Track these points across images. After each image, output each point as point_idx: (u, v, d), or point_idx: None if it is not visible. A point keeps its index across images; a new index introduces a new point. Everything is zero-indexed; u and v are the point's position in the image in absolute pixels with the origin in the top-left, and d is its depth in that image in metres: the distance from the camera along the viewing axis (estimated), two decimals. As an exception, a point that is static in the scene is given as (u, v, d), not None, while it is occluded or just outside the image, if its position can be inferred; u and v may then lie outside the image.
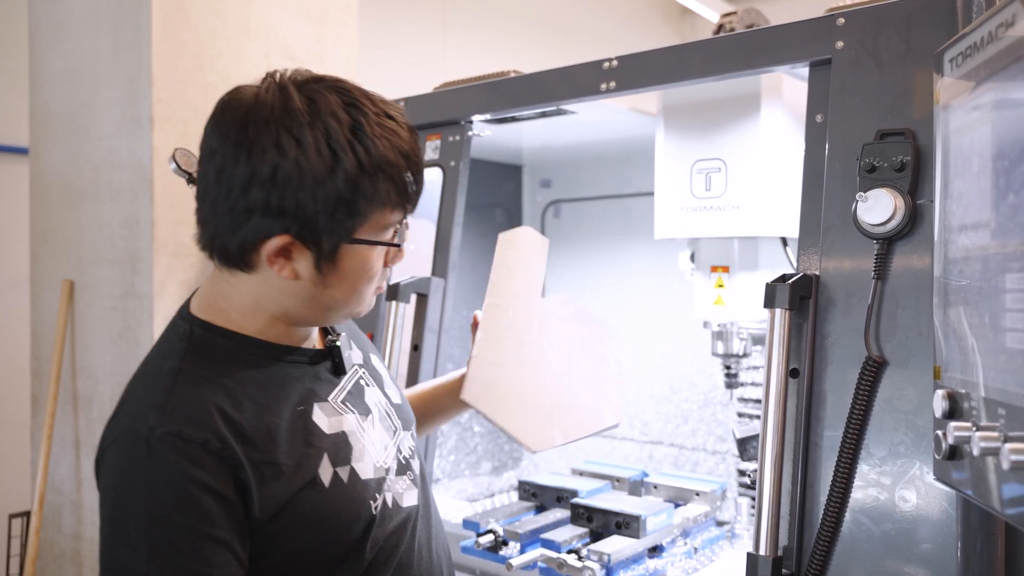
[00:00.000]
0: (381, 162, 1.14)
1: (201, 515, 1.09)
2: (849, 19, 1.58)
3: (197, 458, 1.09)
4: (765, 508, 1.47)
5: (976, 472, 1.03)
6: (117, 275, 2.65)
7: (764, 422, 1.49)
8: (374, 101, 1.19)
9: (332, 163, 1.12)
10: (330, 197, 1.12)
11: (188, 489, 1.08)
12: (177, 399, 1.14)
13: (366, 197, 1.14)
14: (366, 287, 1.23)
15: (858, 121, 1.53)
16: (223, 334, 1.22)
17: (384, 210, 1.18)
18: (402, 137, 1.18)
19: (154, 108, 2.52)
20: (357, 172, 1.12)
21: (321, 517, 1.19)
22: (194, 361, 1.19)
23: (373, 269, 1.22)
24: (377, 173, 1.14)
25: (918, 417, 1.40)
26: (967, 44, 1.06)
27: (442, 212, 2.26)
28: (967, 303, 1.06)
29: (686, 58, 1.82)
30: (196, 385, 1.16)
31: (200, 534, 1.09)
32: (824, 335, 1.51)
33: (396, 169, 1.16)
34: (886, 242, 1.45)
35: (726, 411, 2.71)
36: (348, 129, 1.13)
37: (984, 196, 0.99)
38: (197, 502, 1.09)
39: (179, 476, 1.09)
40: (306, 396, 1.24)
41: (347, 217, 1.14)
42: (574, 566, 1.89)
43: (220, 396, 1.15)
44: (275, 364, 1.24)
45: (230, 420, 1.14)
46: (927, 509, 1.37)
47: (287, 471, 1.16)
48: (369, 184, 1.14)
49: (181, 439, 1.09)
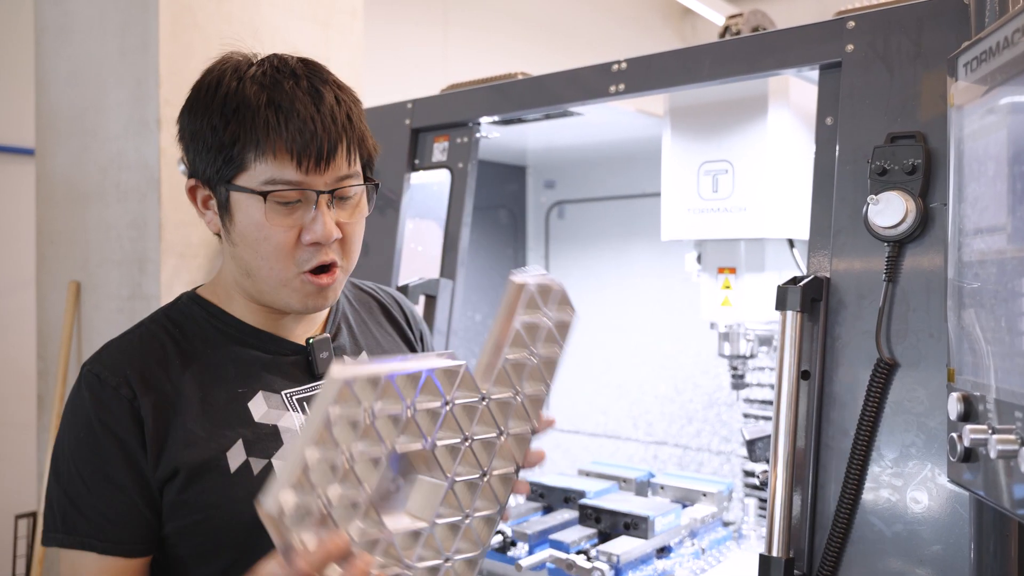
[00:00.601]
0: (240, 103, 1.12)
1: (103, 456, 1.15)
2: (859, 22, 1.58)
3: (107, 401, 1.16)
4: (777, 509, 1.47)
5: (991, 474, 1.04)
6: (124, 276, 2.66)
7: (776, 424, 1.50)
8: (310, 69, 1.18)
9: (208, 101, 1.14)
10: (204, 133, 1.14)
11: (94, 427, 1.16)
12: (115, 346, 1.23)
13: (234, 138, 1.12)
14: (273, 256, 1.17)
15: (868, 124, 1.54)
16: (203, 306, 1.27)
17: (257, 158, 1.12)
18: (284, 89, 1.13)
19: (161, 110, 2.53)
20: (220, 112, 1.13)
21: (218, 499, 1.16)
22: (159, 321, 1.26)
23: (269, 231, 1.15)
24: (234, 115, 1.12)
25: (929, 419, 1.40)
26: (982, 49, 1.07)
27: (450, 213, 2.27)
28: (982, 306, 1.07)
29: (696, 61, 1.83)
30: (140, 339, 1.23)
31: (101, 473, 1.15)
32: (835, 337, 1.52)
33: (253, 112, 1.11)
34: (897, 245, 1.46)
35: (731, 412, 2.71)
36: (245, 72, 1.15)
37: (1000, 200, 1.00)
38: (100, 442, 1.15)
39: (90, 413, 1.16)
40: (255, 382, 1.23)
41: (221, 159, 1.14)
42: (583, 567, 1.90)
43: (156, 353, 1.21)
44: (238, 344, 1.25)
45: (151, 376, 1.18)
46: (939, 511, 1.38)
47: (192, 437, 1.16)
48: (224, 125, 1.12)
49: (99, 380, 1.17)
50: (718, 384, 2.75)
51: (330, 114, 1.15)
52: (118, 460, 1.15)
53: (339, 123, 1.15)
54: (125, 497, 1.15)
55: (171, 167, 2.53)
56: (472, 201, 2.29)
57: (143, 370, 1.18)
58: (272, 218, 1.14)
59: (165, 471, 1.15)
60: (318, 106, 1.14)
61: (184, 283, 2.57)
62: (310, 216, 1.15)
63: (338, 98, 1.17)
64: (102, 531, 1.15)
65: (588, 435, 3.12)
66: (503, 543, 2.08)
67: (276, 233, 1.15)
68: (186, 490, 1.15)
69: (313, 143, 1.13)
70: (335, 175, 1.17)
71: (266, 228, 1.15)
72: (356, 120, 1.19)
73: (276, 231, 1.15)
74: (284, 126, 1.12)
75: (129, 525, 1.16)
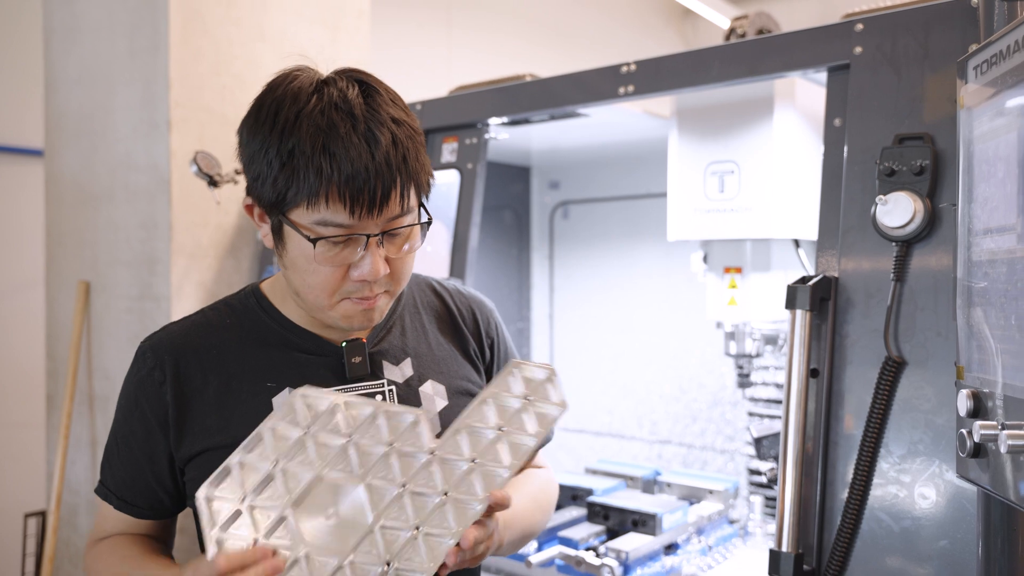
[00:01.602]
0: (293, 148, 1.12)
1: (130, 426, 1.28)
2: (867, 25, 1.61)
3: (143, 378, 1.27)
4: (787, 505, 1.49)
5: (1000, 469, 1.06)
6: (134, 277, 2.68)
7: (785, 421, 1.52)
8: (369, 108, 1.16)
9: (268, 133, 1.14)
10: (261, 165, 1.15)
11: (131, 399, 1.28)
12: (171, 328, 1.32)
13: (288, 182, 1.12)
14: (320, 287, 1.19)
15: (876, 125, 1.56)
16: (259, 300, 1.33)
17: (310, 203, 1.12)
18: (340, 133, 1.12)
19: (171, 111, 2.54)
20: (276, 151, 1.13)
21: None
22: (219, 309, 1.34)
23: (317, 265, 1.16)
24: (289, 158, 1.12)
25: (937, 416, 1.42)
26: (992, 52, 1.09)
27: (459, 214, 2.29)
28: (990, 304, 1.09)
29: (704, 63, 1.85)
30: (194, 327, 1.31)
31: (125, 441, 1.29)
32: (843, 336, 1.54)
33: (306, 159, 1.11)
34: (905, 244, 1.48)
35: (735, 411, 2.73)
36: (303, 103, 1.14)
37: (1010, 201, 1.02)
38: (131, 413, 1.28)
39: (133, 385, 1.29)
40: (285, 379, 1.26)
41: (276, 191, 1.14)
42: (592, 563, 1.92)
43: (204, 339, 1.29)
44: (282, 342, 1.30)
45: (186, 364, 1.26)
46: (946, 506, 1.40)
47: (213, 425, 1.24)
48: (280, 167, 1.12)
49: (143, 357, 1.28)
50: (723, 383, 2.77)
51: (384, 160, 1.13)
52: (139, 433, 1.27)
53: (394, 167, 1.14)
54: (139, 468, 1.28)
55: (181, 168, 2.54)
56: (481, 201, 2.31)
57: (179, 358, 1.26)
58: (321, 256, 1.15)
59: (188, 452, 1.25)
60: (373, 152, 1.12)
61: (194, 283, 2.59)
62: (359, 255, 1.16)
63: (395, 139, 1.15)
64: (120, 490, 1.29)
65: (593, 434, 3.14)
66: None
67: (324, 269, 1.17)
68: (203, 472, 1.17)
69: (366, 190, 1.12)
70: (387, 217, 1.16)
71: (314, 263, 1.16)
72: (412, 160, 1.17)
73: (325, 267, 1.17)
74: (337, 174, 1.11)
75: (140, 492, 1.29)
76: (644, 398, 2.99)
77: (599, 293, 3.14)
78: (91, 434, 2.86)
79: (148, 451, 1.26)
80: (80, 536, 2.91)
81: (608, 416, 3.09)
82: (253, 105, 1.19)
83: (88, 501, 2.88)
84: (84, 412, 2.87)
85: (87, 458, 2.88)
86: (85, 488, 2.89)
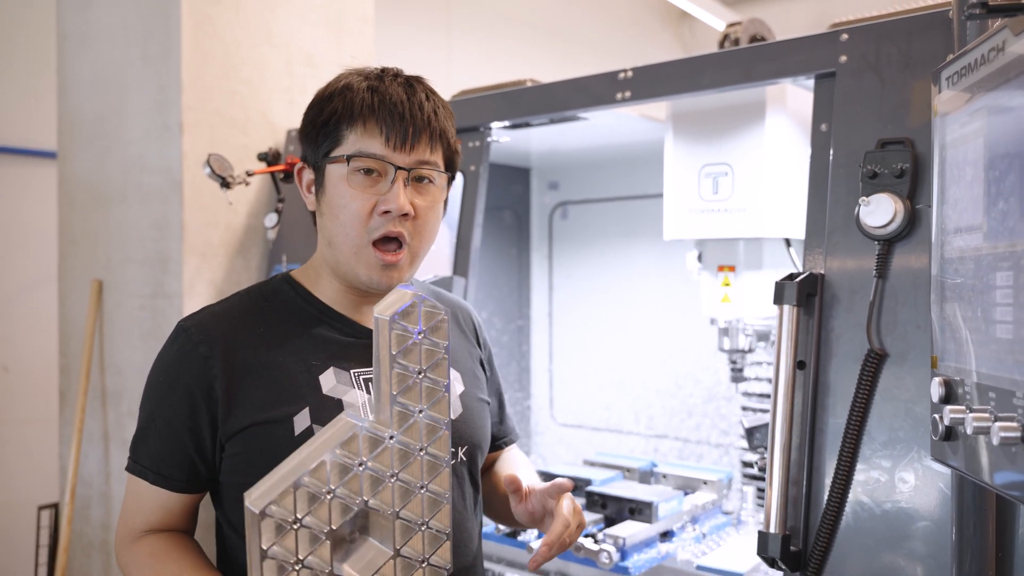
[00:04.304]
0: (345, 86, 1.33)
1: (169, 401, 1.31)
2: (852, 35, 1.69)
3: (188, 354, 1.31)
4: (775, 490, 1.58)
5: (969, 451, 1.14)
6: (147, 275, 2.76)
7: (773, 411, 1.61)
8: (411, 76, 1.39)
9: (323, 94, 1.36)
10: (313, 117, 1.35)
11: (171, 375, 1.32)
12: (211, 310, 1.39)
13: (333, 111, 1.32)
14: (349, 222, 1.31)
15: (860, 130, 1.64)
16: (293, 286, 1.42)
17: (351, 131, 1.31)
18: (386, 83, 1.33)
19: (183, 115, 2.62)
20: (327, 96, 1.34)
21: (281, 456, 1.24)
22: (254, 294, 1.42)
23: (349, 197, 1.30)
24: (337, 94, 1.33)
25: (916, 405, 1.51)
26: (962, 64, 1.17)
27: (462, 214, 2.37)
28: (962, 299, 1.17)
29: (698, 70, 1.94)
30: (234, 308, 1.38)
31: (164, 416, 1.32)
32: (829, 330, 1.62)
33: (354, 92, 1.31)
34: (887, 243, 1.56)
35: (729, 406, 2.82)
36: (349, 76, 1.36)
37: (977, 202, 1.10)
38: (172, 389, 1.32)
39: (170, 362, 1.33)
40: (328, 358, 1.36)
41: (321, 136, 1.33)
42: (591, 549, 2.00)
43: (247, 320, 1.36)
44: (318, 323, 1.39)
45: (236, 341, 1.32)
46: (924, 489, 1.49)
47: (263, 400, 1.30)
48: (327, 102, 1.33)
49: (186, 334, 1.33)
50: (717, 379, 2.85)
51: (419, 105, 1.32)
52: (182, 408, 1.31)
53: (425, 114, 1.32)
54: (179, 441, 1.31)
55: (193, 170, 2.62)
56: (484, 202, 2.39)
57: (227, 333, 1.33)
58: (353, 183, 1.30)
59: (237, 425, 1.29)
60: (410, 96, 1.32)
61: (205, 281, 2.67)
62: (387, 188, 1.30)
63: (428, 96, 1.36)
64: (156, 465, 1.32)
65: (591, 429, 3.22)
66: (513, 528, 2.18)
67: (355, 200, 1.30)
68: (253, 444, 1.29)
69: (400, 124, 1.30)
70: (417, 157, 1.32)
71: (347, 194, 1.31)
72: (442, 118, 1.36)
73: (355, 198, 1.30)
74: (377, 104, 1.30)
75: (178, 465, 1.32)
76: (641, 394, 3.07)
77: (597, 292, 3.22)
78: (103, 428, 2.94)
79: (190, 424, 1.30)
80: (92, 527, 2.99)
81: (606, 411, 3.17)
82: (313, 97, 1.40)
83: (100, 493, 2.96)
84: (97, 407, 2.95)
85: (99, 452, 2.96)
86: (97, 481, 2.97)
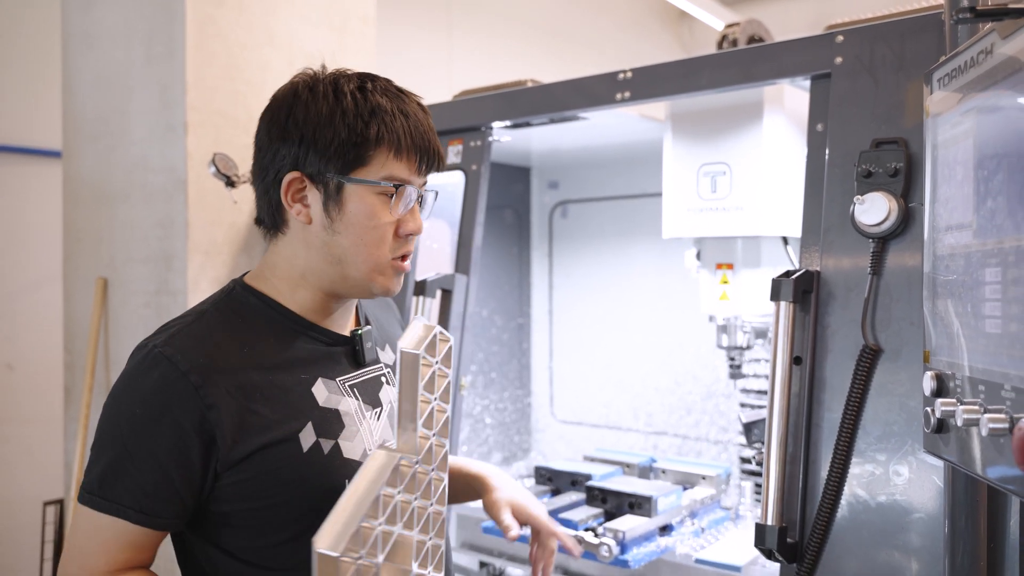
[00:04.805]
0: (375, 107, 1.30)
1: (153, 434, 1.21)
2: (847, 36, 1.72)
3: (173, 383, 1.21)
4: (772, 483, 1.61)
5: (960, 443, 1.17)
6: (151, 273, 2.79)
7: (770, 406, 1.64)
8: (390, 82, 1.38)
9: (334, 104, 1.30)
10: (330, 135, 1.29)
11: (152, 405, 1.22)
12: (187, 332, 1.28)
13: (363, 138, 1.29)
14: (374, 243, 1.31)
15: (855, 130, 1.67)
16: (259, 296, 1.36)
17: (382, 154, 1.30)
18: (406, 102, 1.34)
19: (187, 115, 2.65)
20: (354, 113, 1.29)
21: (294, 476, 1.27)
22: (222, 309, 1.34)
23: (379, 221, 1.31)
24: (372, 116, 1.29)
25: (910, 399, 1.54)
26: (953, 66, 1.20)
27: (464, 213, 2.40)
28: (953, 295, 1.20)
29: (697, 70, 1.97)
30: (210, 328, 1.30)
31: (147, 450, 1.22)
32: (825, 326, 1.65)
33: (390, 116, 1.30)
34: (881, 241, 1.59)
35: (728, 403, 2.85)
36: (355, 84, 1.33)
37: (967, 201, 1.13)
38: (154, 421, 1.21)
39: (151, 391, 1.22)
40: (315, 369, 1.35)
41: (345, 155, 1.29)
42: (591, 542, 2.03)
43: (226, 342, 1.29)
44: (296, 335, 1.35)
45: (225, 364, 1.25)
46: (918, 482, 1.52)
47: (266, 421, 1.26)
48: (364, 125, 1.29)
49: (169, 362, 1.22)
50: (716, 376, 2.88)
51: (433, 130, 1.37)
52: (168, 441, 1.21)
53: (436, 141, 1.38)
54: (165, 476, 1.22)
55: (197, 169, 2.65)
56: (485, 201, 2.42)
57: (215, 357, 1.25)
58: (381, 206, 1.31)
59: (242, 452, 1.24)
60: (427, 120, 1.37)
61: (209, 279, 2.70)
62: (404, 210, 1.33)
63: (427, 115, 1.39)
64: (138, 503, 1.23)
65: (591, 426, 3.25)
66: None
67: (384, 221, 1.32)
68: (262, 467, 1.25)
69: (427, 153, 1.35)
70: (424, 179, 1.38)
71: (376, 217, 1.31)
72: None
73: (384, 218, 1.32)
74: (412, 133, 1.32)
75: (166, 501, 1.24)
76: (640, 391, 3.10)
77: (597, 290, 3.25)
78: (108, 425, 2.97)
79: (177, 456, 1.22)
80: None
81: (605, 408, 3.20)
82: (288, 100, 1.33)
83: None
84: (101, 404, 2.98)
85: (104, 448, 2.98)
86: (102, 477, 2.99)
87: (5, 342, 4.42)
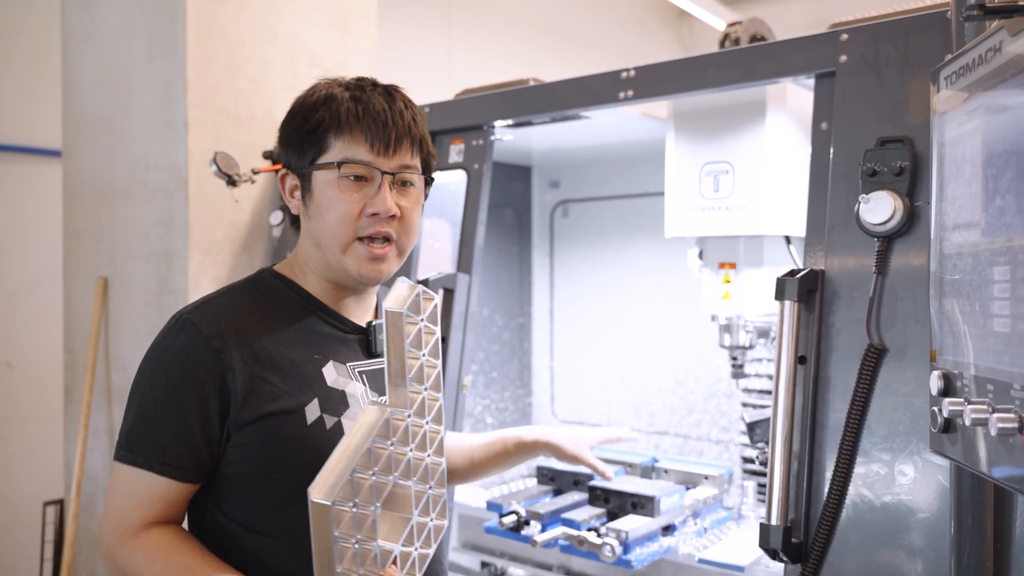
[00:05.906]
0: (328, 97, 1.40)
1: (179, 392, 1.33)
2: (852, 35, 1.72)
3: (199, 346, 1.34)
4: (776, 482, 1.60)
5: (967, 442, 1.16)
6: (152, 271, 2.78)
7: (775, 405, 1.63)
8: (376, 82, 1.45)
9: (299, 101, 1.44)
10: (292, 127, 1.43)
11: (180, 366, 1.34)
12: (214, 302, 1.42)
13: (313, 125, 1.39)
14: (338, 224, 1.38)
15: (860, 129, 1.67)
16: (284, 281, 1.48)
17: (335, 139, 1.38)
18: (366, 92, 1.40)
19: (189, 113, 2.65)
20: (311, 105, 1.41)
21: (295, 447, 1.35)
22: (248, 287, 1.47)
23: (340, 201, 1.37)
24: (323, 105, 1.39)
25: (915, 399, 1.53)
26: (961, 64, 1.20)
27: (466, 212, 2.39)
28: (960, 294, 1.20)
29: (700, 69, 1.96)
30: (236, 301, 1.43)
31: (173, 406, 1.33)
32: (829, 325, 1.65)
33: (338, 103, 1.38)
34: (886, 240, 1.59)
35: (730, 402, 2.84)
36: (335, 85, 1.43)
37: (975, 199, 1.13)
38: (182, 380, 1.34)
39: (179, 354, 1.35)
40: (327, 352, 1.44)
41: (307, 144, 1.40)
42: (594, 542, 2.02)
43: (249, 315, 1.40)
44: (314, 318, 1.46)
45: (245, 334, 1.37)
46: (923, 482, 1.51)
47: (277, 391, 1.35)
48: (313, 113, 1.39)
49: (195, 327, 1.35)
50: (718, 376, 2.87)
51: (399, 113, 1.41)
52: (192, 399, 1.33)
53: (406, 121, 1.41)
54: (189, 431, 1.33)
55: (198, 167, 2.64)
56: (487, 200, 2.41)
57: (237, 327, 1.37)
58: (343, 188, 1.38)
59: (250, 415, 1.34)
60: (390, 104, 1.41)
61: (210, 277, 2.69)
62: (374, 192, 1.38)
63: (406, 104, 1.44)
64: (163, 455, 1.33)
65: (592, 426, 3.25)
66: (517, 522, 2.20)
67: (344, 203, 1.38)
68: (265, 434, 1.35)
69: (383, 131, 1.38)
70: (399, 162, 1.40)
71: (336, 198, 1.37)
72: (420, 125, 1.45)
73: (344, 202, 1.38)
74: (361, 114, 1.38)
75: (187, 454, 1.34)
76: (642, 390, 3.09)
77: (598, 289, 3.24)
78: (109, 424, 2.96)
79: (201, 414, 1.33)
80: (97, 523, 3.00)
81: (607, 408, 3.19)
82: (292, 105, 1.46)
83: (105, 489, 2.98)
84: (102, 403, 2.97)
85: (105, 448, 2.98)
86: (103, 477, 2.99)
87: (5, 341, 4.42)
